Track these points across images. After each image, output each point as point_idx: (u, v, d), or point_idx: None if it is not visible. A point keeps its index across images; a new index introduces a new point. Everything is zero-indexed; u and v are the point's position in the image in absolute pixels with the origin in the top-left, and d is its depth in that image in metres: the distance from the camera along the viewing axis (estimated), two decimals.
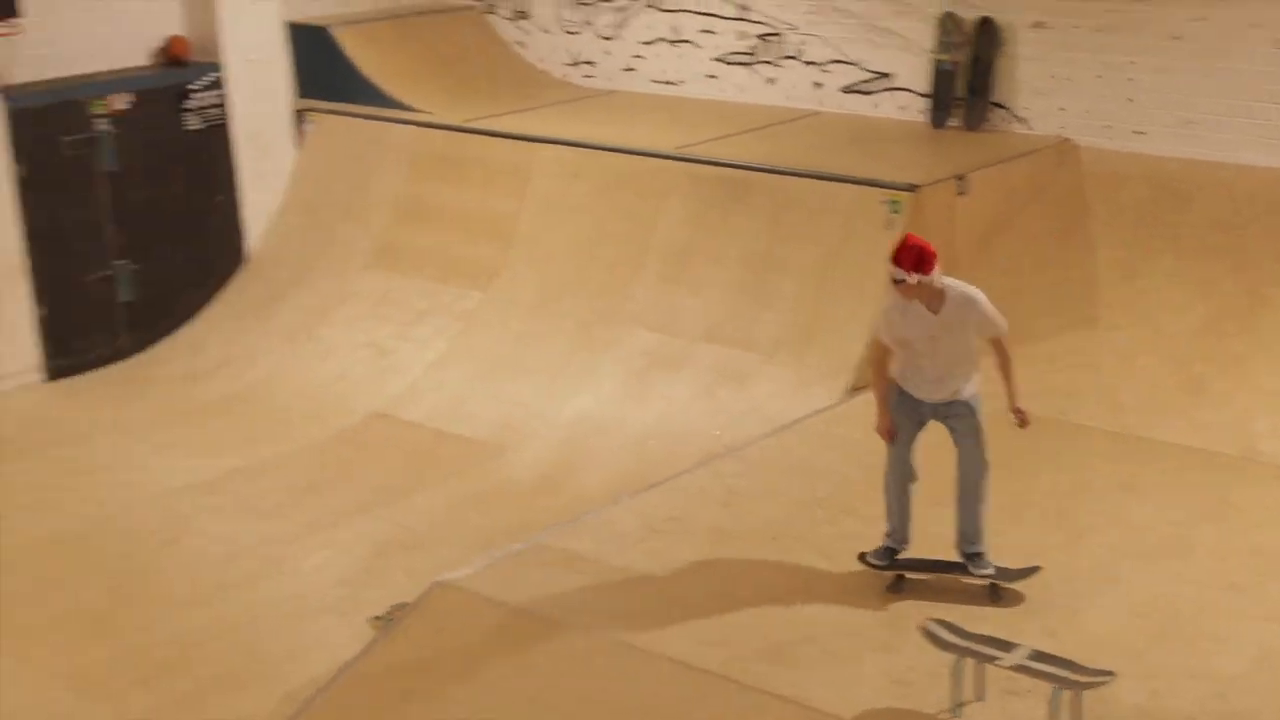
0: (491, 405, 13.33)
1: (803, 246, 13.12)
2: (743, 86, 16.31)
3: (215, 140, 15.87)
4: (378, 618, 9.78)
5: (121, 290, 15.23)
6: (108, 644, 10.22)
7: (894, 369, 9.05)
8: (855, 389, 12.00)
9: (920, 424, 9.07)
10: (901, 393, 9.03)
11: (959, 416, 8.96)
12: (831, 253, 12.94)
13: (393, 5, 17.72)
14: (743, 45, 16.23)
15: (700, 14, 16.42)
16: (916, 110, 15.22)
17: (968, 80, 14.74)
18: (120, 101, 15.11)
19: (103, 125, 14.99)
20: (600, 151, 14.60)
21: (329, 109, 16.46)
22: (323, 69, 16.66)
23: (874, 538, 9.25)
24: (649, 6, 16.75)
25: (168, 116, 15.51)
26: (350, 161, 16.14)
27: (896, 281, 8.68)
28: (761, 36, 16.07)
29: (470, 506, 11.85)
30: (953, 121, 14.91)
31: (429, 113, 16.05)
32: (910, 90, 15.25)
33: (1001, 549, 9.10)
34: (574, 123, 15.52)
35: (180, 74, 15.69)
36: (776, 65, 16.04)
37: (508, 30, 17.99)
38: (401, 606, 9.45)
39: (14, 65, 14.29)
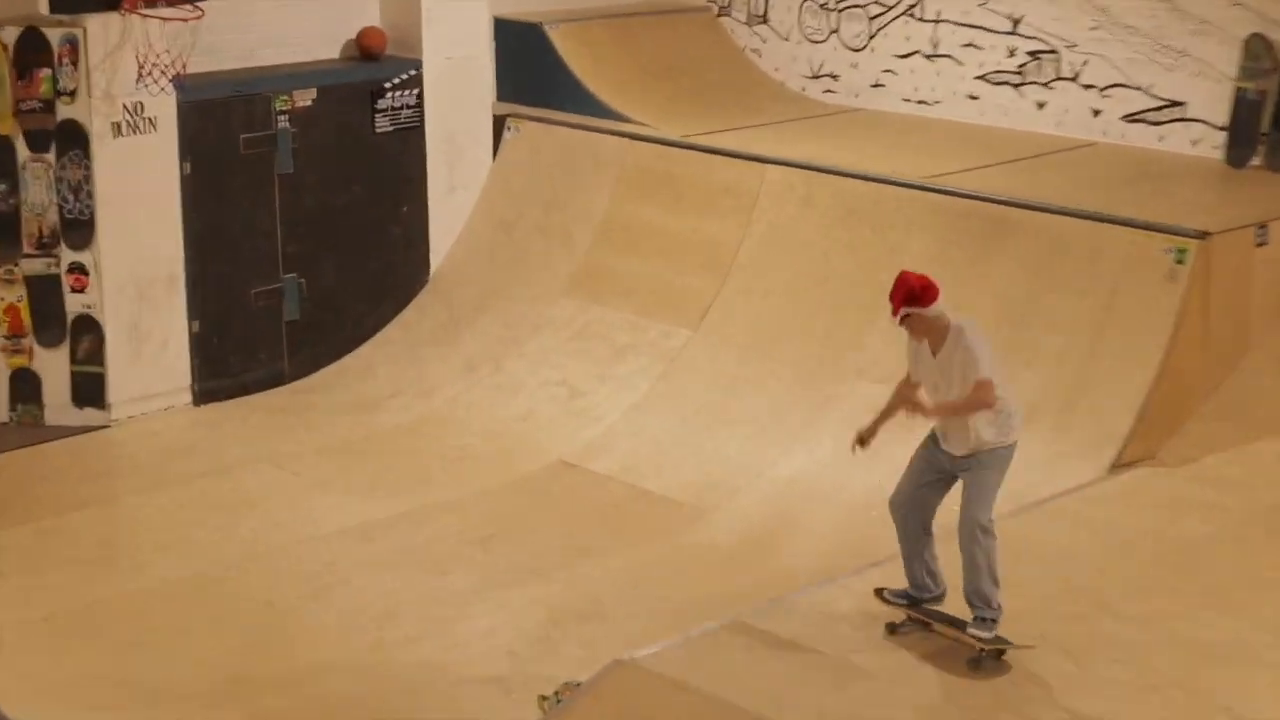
0: (693, 460, 13.21)
1: (1068, 298, 12.75)
2: (1007, 110, 16.03)
3: (406, 144, 16.01)
4: (545, 698, 9.62)
5: (287, 307, 15.38)
6: (241, 708, 10.23)
7: None
8: (1120, 464, 11.67)
9: (940, 472, 9.42)
10: (932, 434, 9.52)
11: (967, 470, 9.24)
12: (1103, 306, 12.54)
13: (614, 3, 17.80)
14: (1011, 64, 15.95)
15: (965, 26, 16.17)
16: (1211, 145, 14.77)
17: (1275, 114, 14.26)
18: (304, 98, 15.31)
19: (283, 123, 15.19)
20: (837, 177, 14.40)
21: (534, 115, 16.51)
22: (530, 70, 16.76)
23: (1137, 645, 8.99)
24: (906, 15, 16.55)
25: (356, 116, 15.70)
26: (553, 174, 16.14)
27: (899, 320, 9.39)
28: (1033, 54, 15.76)
29: (661, 574, 11.72)
30: (1254, 161, 14.44)
31: (646, 124, 16.00)
32: (1205, 122, 14.80)
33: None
34: (809, 143, 15.37)
35: (373, 70, 15.90)
36: (1049, 87, 15.72)
37: (742, 35, 17.94)
38: (575, 686, 9.32)
39: (192, 53, 14.36)
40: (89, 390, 14.43)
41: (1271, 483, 11.30)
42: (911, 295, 9.28)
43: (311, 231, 15.24)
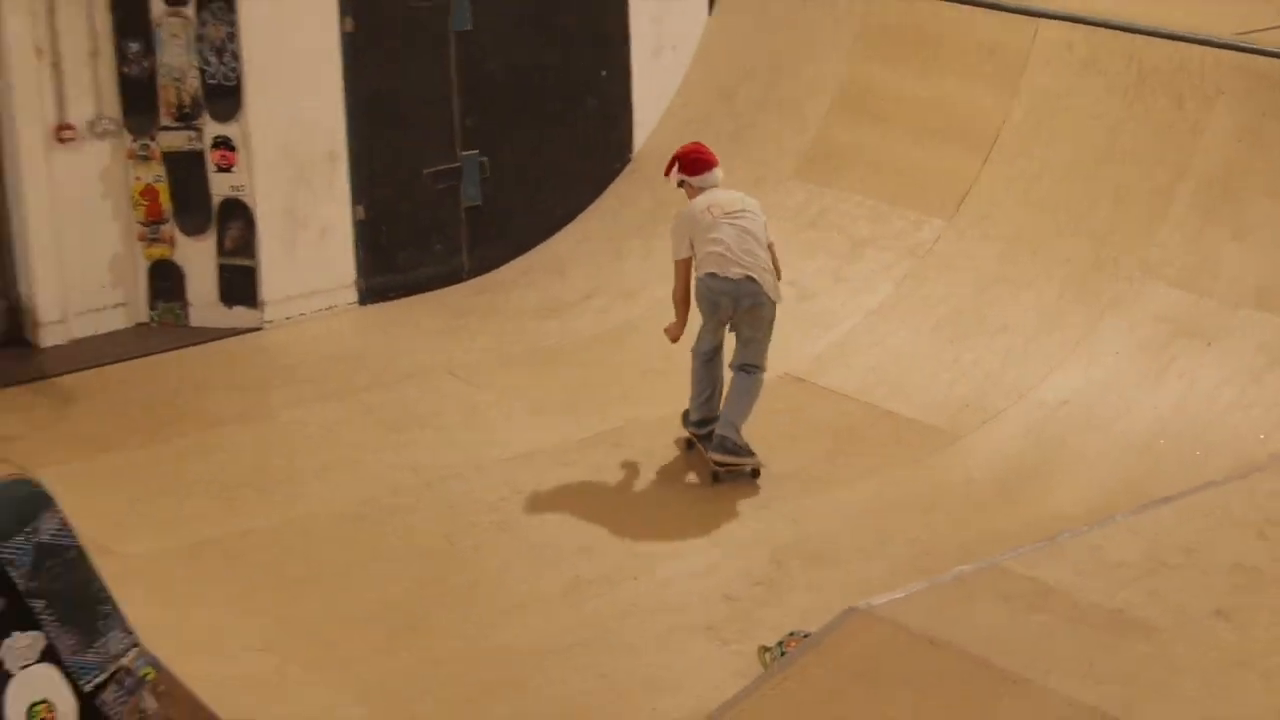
0: (945, 376, 13.36)
1: None
2: None
3: (606, 4, 16.17)
4: (767, 649, 9.89)
5: (466, 191, 15.63)
6: (412, 653, 10.48)
7: None
8: None
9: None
10: None
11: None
12: None
13: None
14: None
15: None
16: None
17: None
18: None
19: None
20: (1126, 34, 14.30)
21: None
22: None
23: None
24: None
25: None
26: (780, 31, 16.27)
27: None
28: None
29: (905, 510, 11.89)
30: None
31: None
32: None
33: None
34: None
35: None
36: None
37: None
38: (802, 636, 9.55)
39: None
40: (239, 286, 14.79)
41: None
42: (684, 162, 12.99)
43: (494, 101, 15.47)
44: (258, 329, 14.83)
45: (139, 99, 14.67)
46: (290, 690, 10.03)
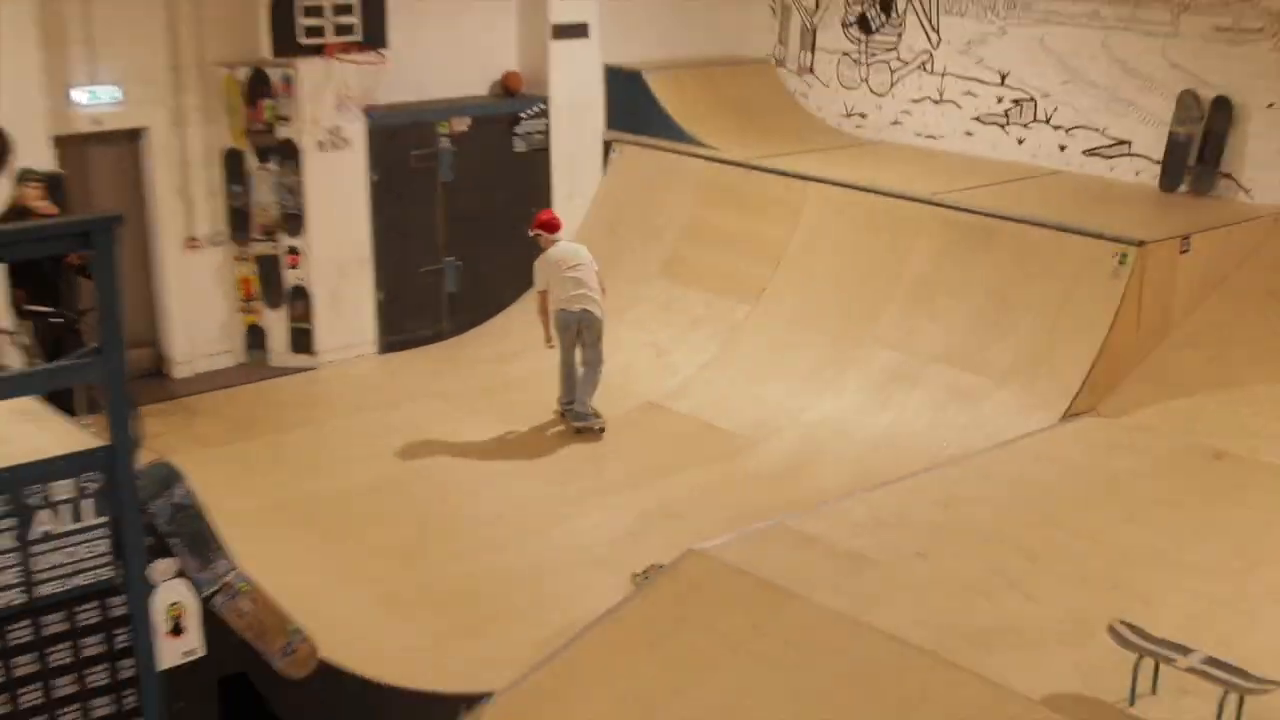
0: (749, 404, 13.35)
1: (1037, 287, 12.90)
2: (995, 144, 16.11)
3: (536, 162, 16.11)
4: (638, 574, 9.98)
5: (447, 282, 15.59)
6: (414, 574, 10.56)
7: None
8: (1070, 414, 11.89)
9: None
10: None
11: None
12: (1063, 295, 12.69)
13: (695, 55, 17.80)
14: (999, 109, 16.04)
15: (964, 78, 16.27)
16: (1150, 175, 14.85)
17: (1199, 151, 14.35)
18: (460, 124, 15.43)
19: (444, 143, 15.32)
20: (864, 193, 14.48)
21: (633, 140, 16.57)
22: (631, 106, 16.76)
23: (1076, 550, 9.34)
24: (919, 69, 16.64)
25: (499, 139, 15.78)
26: (648, 186, 16.24)
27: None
28: (1016, 102, 15.85)
29: (724, 488, 11.91)
30: (1183, 188, 14.53)
31: (718, 148, 16.07)
32: (1145, 157, 14.90)
33: (1183, 567, 9.07)
34: (843, 166, 15.39)
35: (513, 104, 15.95)
36: (1027, 127, 15.83)
37: (792, 82, 17.98)
38: (659, 567, 9.59)
39: (378, 90, 14.71)
40: (301, 341, 14.72)
41: (1180, 430, 11.47)
42: (541, 224, 13.37)
43: (466, 225, 15.41)
44: (313, 368, 14.72)
45: (240, 221, 14.62)
46: (333, 597, 10.05)
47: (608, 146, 16.69)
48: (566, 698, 8.35)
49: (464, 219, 15.42)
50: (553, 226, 13.41)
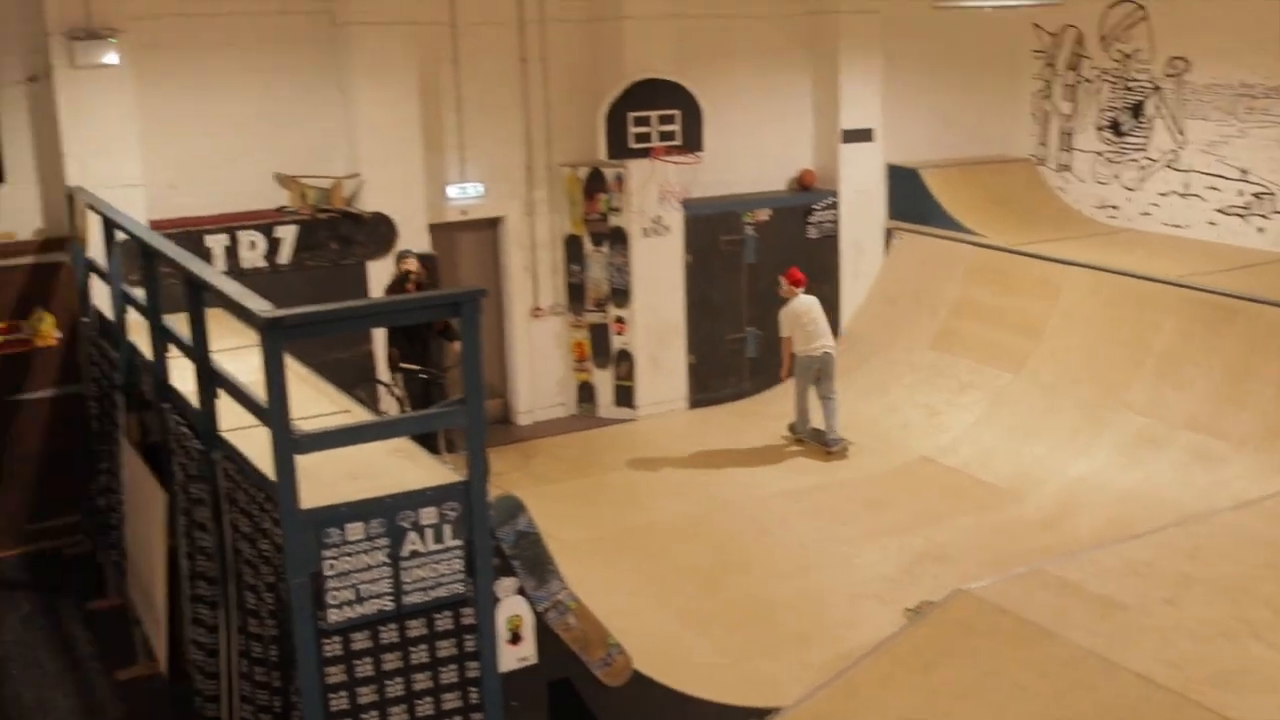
0: (1012, 460, 12.97)
1: (1275, 362, 12.18)
2: (1236, 233, 15.27)
3: (826, 246, 15.96)
4: (910, 609, 9.77)
5: (749, 348, 15.49)
6: (712, 597, 10.51)
7: None
8: None
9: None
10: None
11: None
12: None
13: (965, 155, 17.45)
14: (1240, 201, 15.22)
15: (1208, 174, 15.50)
16: None
17: None
18: (762, 214, 15.41)
19: (749, 230, 15.32)
20: (1117, 275, 13.96)
21: (911, 228, 16.32)
22: (909, 199, 16.50)
23: None
24: (1167, 166, 15.94)
25: (795, 227, 15.70)
26: (923, 268, 15.97)
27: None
28: (1257, 195, 15.02)
29: (989, 535, 11.59)
30: None
31: (986, 236, 15.71)
32: None
33: None
34: (1097, 251, 14.87)
35: (807, 197, 15.85)
36: (1266, 218, 14.97)
37: (1051, 178, 17.43)
38: (929, 604, 9.33)
39: (694, 185, 14.80)
40: (624, 396, 14.81)
41: None
42: (794, 280, 13.64)
43: (765, 300, 15.18)
44: (633, 420, 14.81)
45: (576, 294, 14.84)
46: (645, 615, 10.07)
47: (888, 234, 16.46)
48: (844, 718, 8.13)
49: (764, 295, 15.29)
50: (799, 281, 13.71)
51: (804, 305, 13.61)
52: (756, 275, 15.33)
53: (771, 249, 15.46)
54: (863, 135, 16.05)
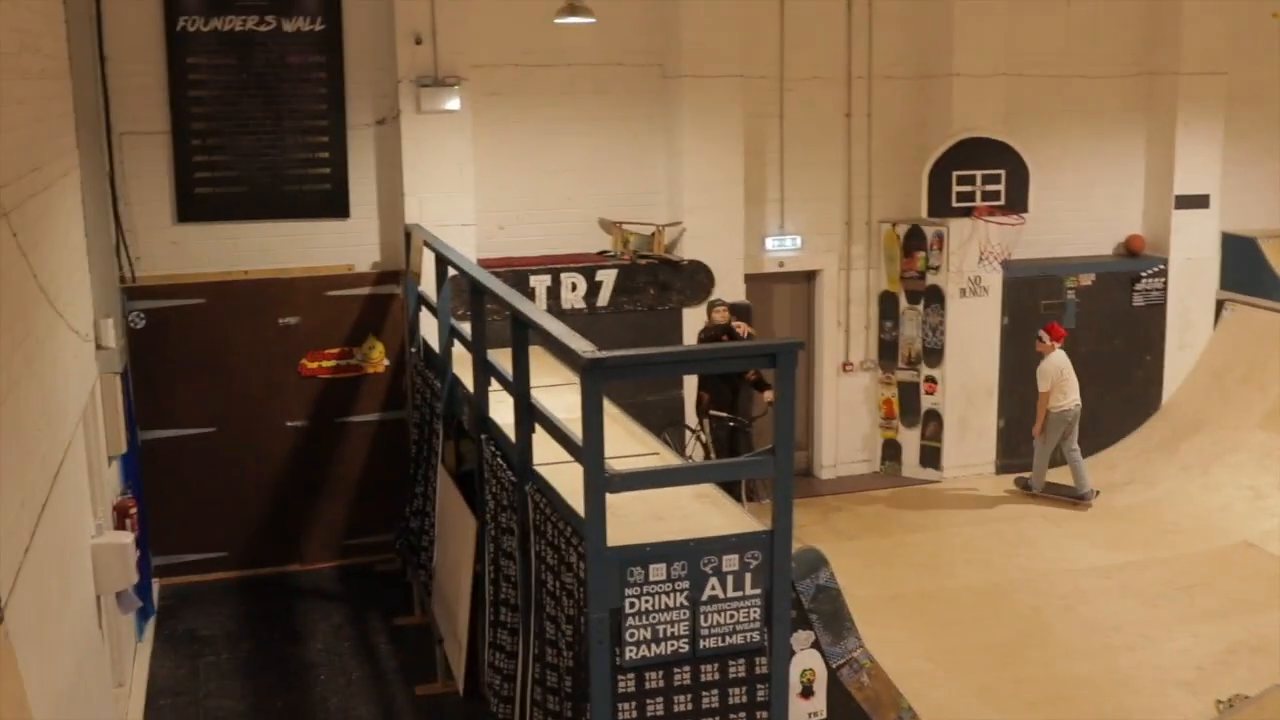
0: None
1: None
2: None
3: (1152, 316, 15.40)
4: (1221, 701, 9.31)
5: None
6: (1011, 671, 10.25)
7: None
8: None
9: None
10: None
11: None
12: None
13: None
14: None
15: None
16: None
17: None
18: (1086, 279, 15.04)
19: (1069, 295, 14.96)
20: None
21: (1245, 301, 15.57)
22: (1244, 269, 15.70)
23: None
24: None
25: (1119, 294, 15.23)
26: (1256, 343, 15.18)
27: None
28: None
29: None
30: None
31: None
32: None
33: None
34: None
35: (1134, 264, 15.37)
36: None
37: None
38: (1243, 697, 8.95)
39: (1015, 247, 14.52)
40: (930, 457, 14.63)
41: None
42: (1057, 335, 13.76)
43: (1084, 367, 14.60)
44: (938, 482, 14.59)
45: (888, 352, 14.78)
46: (937, 684, 9.92)
47: (1220, 305, 15.73)
48: None
49: (1083, 361, 14.76)
50: (1060, 336, 13.83)
51: (1063, 360, 13.71)
52: (1076, 341, 14.87)
53: (1093, 315, 15.05)
54: (1198, 201, 15.43)
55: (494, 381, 8.30)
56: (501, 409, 7.96)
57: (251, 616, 11.45)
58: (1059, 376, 13.66)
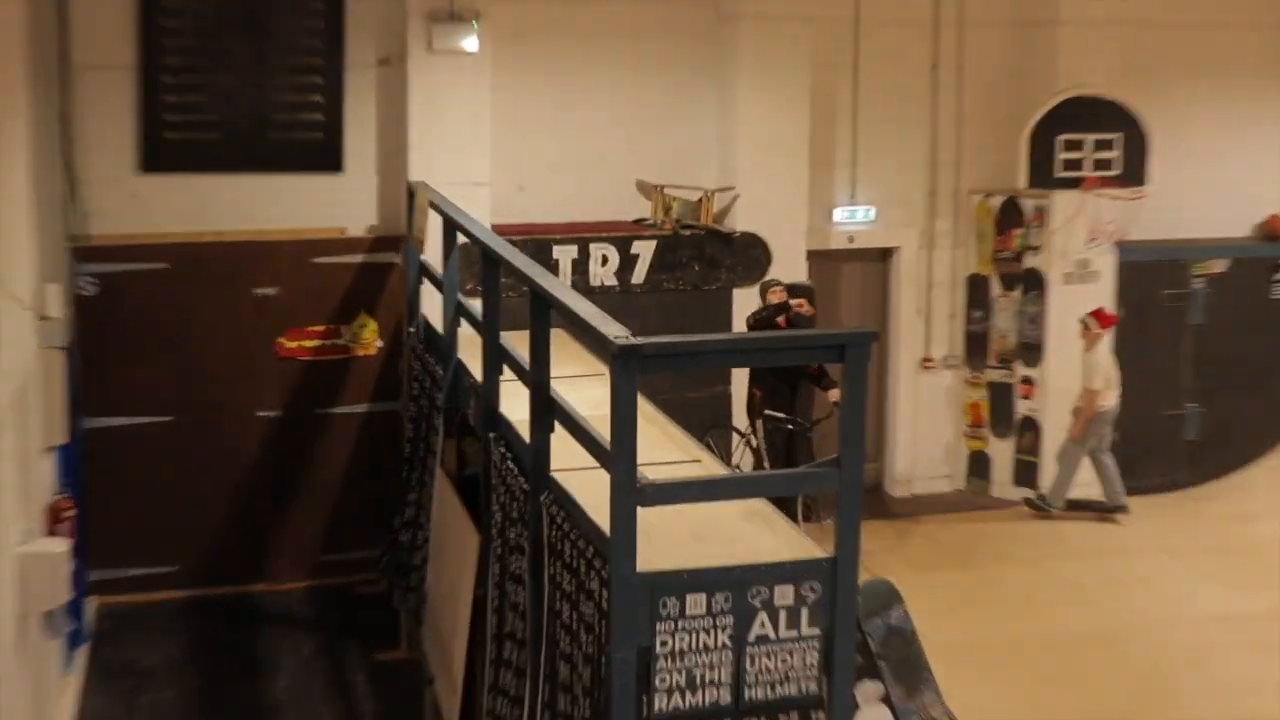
0: None
1: None
2: None
3: None
4: None
5: (1187, 429, 14.99)
6: None
7: None
8: None
9: None
10: None
11: None
12: None
13: None
14: None
15: None
16: None
17: None
18: (1218, 265, 14.99)
19: (1198, 284, 14.92)
20: None
21: None
22: None
23: None
24: None
25: (1256, 284, 15.20)
26: None
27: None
28: None
29: None
30: None
31: None
32: None
33: None
34: None
35: (1274, 249, 15.29)
36: None
37: None
38: None
39: (1133, 225, 14.32)
40: (1025, 474, 14.42)
41: None
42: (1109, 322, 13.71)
43: (1213, 371, 14.77)
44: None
45: (976, 346, 14.73)
46: None
47: None
48: None
49: (1212, 364, 14.79)
50: (1110, 323, 13.84)
51: (1109, 353, 13.77)
52: (1204, 339, 14.81)
53: (1226, 308, 14.96)
54: None
55: (506, 370, 8.16)
56: (514, 403, 7.83)
57: (204, 645, 11.33)
58: (1108, 373, 13.68)
